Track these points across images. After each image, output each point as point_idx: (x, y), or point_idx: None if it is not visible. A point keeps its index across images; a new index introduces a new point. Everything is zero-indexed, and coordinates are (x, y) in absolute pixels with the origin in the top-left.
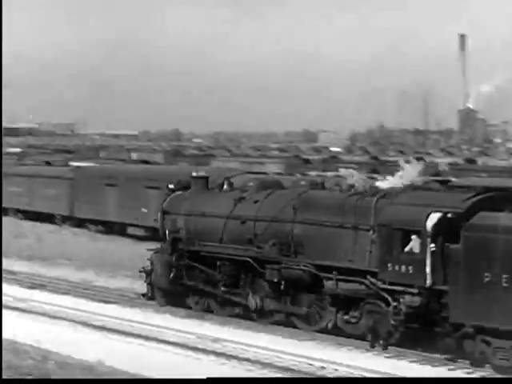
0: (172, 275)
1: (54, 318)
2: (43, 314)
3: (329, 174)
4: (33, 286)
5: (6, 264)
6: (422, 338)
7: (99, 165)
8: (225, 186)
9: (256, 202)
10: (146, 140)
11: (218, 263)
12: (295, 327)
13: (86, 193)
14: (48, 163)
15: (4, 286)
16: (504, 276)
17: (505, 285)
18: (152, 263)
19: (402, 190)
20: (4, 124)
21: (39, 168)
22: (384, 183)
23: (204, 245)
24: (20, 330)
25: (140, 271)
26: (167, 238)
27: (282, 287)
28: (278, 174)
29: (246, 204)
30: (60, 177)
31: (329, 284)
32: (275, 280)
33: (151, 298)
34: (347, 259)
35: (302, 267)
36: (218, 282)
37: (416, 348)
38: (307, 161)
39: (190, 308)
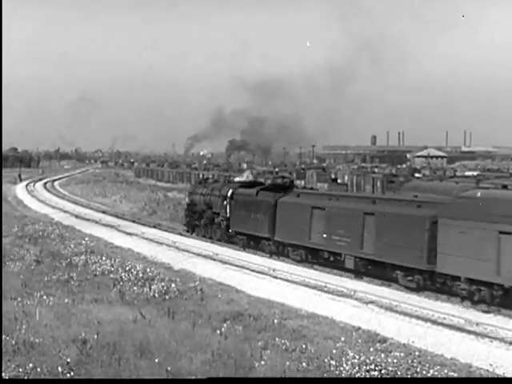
0: (187, 219)
1: None
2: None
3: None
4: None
5: None
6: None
7: None
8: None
9: (205, 187)
10: None
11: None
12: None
13: None
14: (504, 187)
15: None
16: (241, 211)
17: (240, 214)
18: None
19: (234, 182)
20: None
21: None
22: (236, 178)
23: (196, 206)
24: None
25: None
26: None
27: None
28: None
29: (205, 188)
30: None
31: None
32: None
33: (187, 231)
34: (219, 209)
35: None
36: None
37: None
38: None
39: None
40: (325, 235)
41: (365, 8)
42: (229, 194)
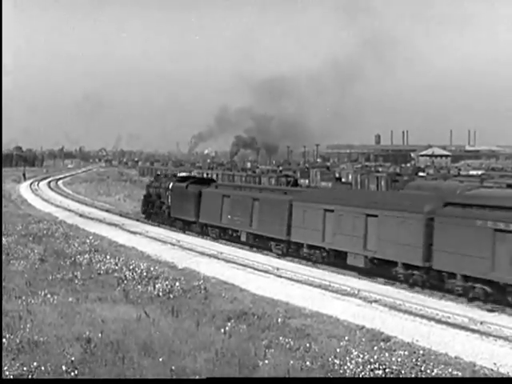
0: (143, 208)
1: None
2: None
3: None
4: None
5: None
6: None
7: None
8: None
9: (157, 181)
10: None
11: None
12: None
13: None
14: (509, 186)
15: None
16: (178, 201)
17: (177, 203)
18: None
19: (176, 176)
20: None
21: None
22: (179, 174)
23: (151, 195)
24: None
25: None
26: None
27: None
28: None
29: (157, 182)
30: None
31: None
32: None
33: (146, 218)
34: (164, 199)
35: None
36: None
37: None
38: None
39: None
40: (229, 216)
41: (371, 5)
42: (170, 187)
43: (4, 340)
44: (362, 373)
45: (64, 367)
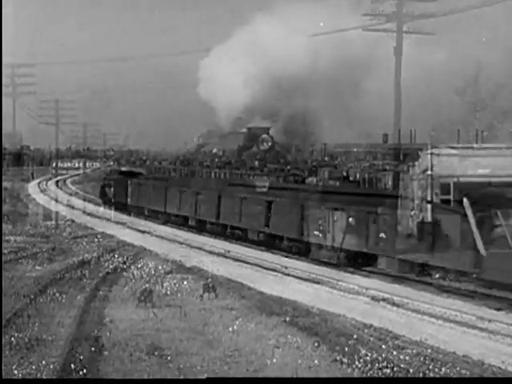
0: (100, 195)
1: None
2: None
3: None
4: None
5: None
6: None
7: None
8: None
9: (108, 175)
10: None
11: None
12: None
13: None
14: None
15: None
16: (118, 188)
17: (118, 190)
18: None
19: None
20: None
21: None
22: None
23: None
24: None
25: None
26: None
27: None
28: None
29: (109, 175)
30: None
31: None
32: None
33: (103, 203)
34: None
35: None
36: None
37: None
38: None
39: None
40: (130, 197)
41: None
42: (114, 179)
43: (12, 339)
44: (370, 371)
45: (72, 366)
